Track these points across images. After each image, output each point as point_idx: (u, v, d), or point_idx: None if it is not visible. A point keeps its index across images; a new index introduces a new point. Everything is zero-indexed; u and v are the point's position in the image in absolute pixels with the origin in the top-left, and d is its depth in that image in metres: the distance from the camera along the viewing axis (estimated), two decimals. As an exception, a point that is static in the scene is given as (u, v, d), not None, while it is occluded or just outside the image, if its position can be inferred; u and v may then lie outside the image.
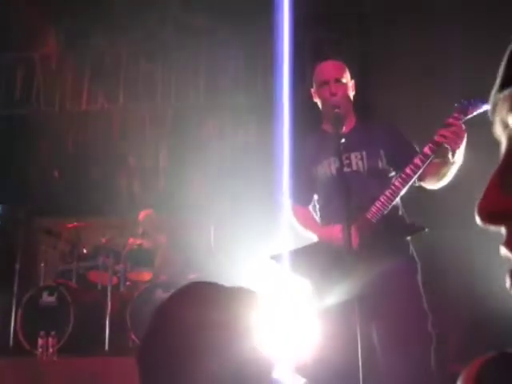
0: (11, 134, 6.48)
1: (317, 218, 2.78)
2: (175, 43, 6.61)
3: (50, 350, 4.26)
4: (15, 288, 4.86)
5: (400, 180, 2.45)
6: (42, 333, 4.29)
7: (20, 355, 4.50)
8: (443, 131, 2.36)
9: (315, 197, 2.79)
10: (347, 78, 2.73)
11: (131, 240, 5.18)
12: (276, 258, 2.63)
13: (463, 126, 2.37)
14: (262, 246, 4.25)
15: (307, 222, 2.76)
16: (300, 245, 2.71)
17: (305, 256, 2.61)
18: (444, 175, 2.51)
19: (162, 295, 4.66)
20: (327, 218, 2.68)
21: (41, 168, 6.45)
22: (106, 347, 4.48)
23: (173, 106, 6.55)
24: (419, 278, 2.54)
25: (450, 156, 2.41)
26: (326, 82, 2.68)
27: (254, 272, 4.50)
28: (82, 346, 4.49)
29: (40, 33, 6.78)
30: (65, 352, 4.36)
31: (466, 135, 2.38)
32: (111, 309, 4.61)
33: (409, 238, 2.59)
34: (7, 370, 4.07)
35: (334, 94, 2.64)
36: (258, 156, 6.14)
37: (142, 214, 5.43)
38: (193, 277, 5.12)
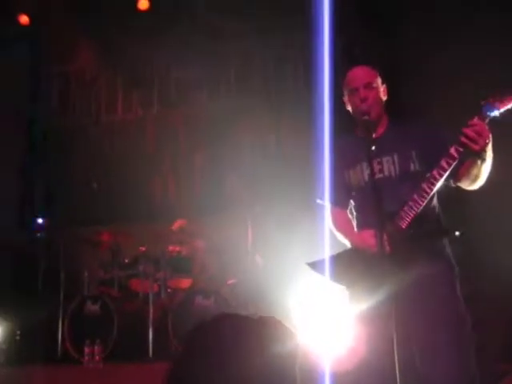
0: (50, 146, 6.67)
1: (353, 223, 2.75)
2: (206, 47, 6.68)
3: (96, 357, 4.39)
4: (61, 297, 5.01)
5: (428, 183, 2.40)
6: (87, 341, 4.43)
7: (68, 363, 4.64)
8: (466, 130, 2.29)
9: (351, 202, 2.76)
10: (378, 83, 2.70)
11: (170, 248, 5.26)
12: (312, 265, 2.64)
13: (486, 126, 2.29)
14: (301, 246, 4.27)
15: (344, 226, 2.75)
16: (336, 249, 2.72)
17: (340, 263, 2.60)
18: (477, 176, 2.44)
19: (201, 302, 4.73)
20: (360, 224, 2.67)
21: (79, 179, 6.61)
22: (150, 354, 4.57)
23: (206, 109, 6.61)
24: (456, 281, 2.50)
25: (476, 157, 2.34)
26: (356, 89, 2.66)
27: (292, 276, 4.53)
28: (127, 353, 4.59)
29: (75, 45, 6.94)
30: (110, 359, 4.48)
31: (490, 135, 2.29)
32: (153, 316, 4.71)
33: (445, 241, 2.55)
34: (57, 377, 4.20)
35: (363, 100, 2.62)
36: (293, 155, 6.16)
37: (175, 225, 5.50)
38: (231, 282, 5.17)
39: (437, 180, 2.38)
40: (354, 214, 2.74)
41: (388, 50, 5.80)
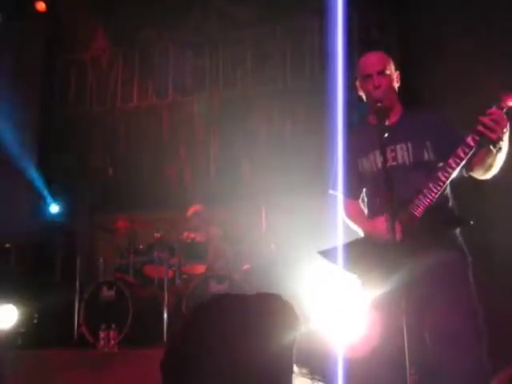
0: (66, 134, 6.72)
1: (365, 211, 2.75)
2: (221, 34, 6.66)
3: (112, 342, 4.43)
4: (77, 283, 5.07)
5: (443, 172, 2.39)
6: (103, 326, 4.47)
7: (84, 347, 4.70)
8: (483, 119, 2.27)
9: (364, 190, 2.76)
10: (391, 70, 2.67)
11: (185, 234, 5.29)
12: (323, 253, 2.64)
13: (504, 115, 2.27)
14: (313, 235, 4.26)
15: (356, 215, 2.74)
16: (348, 237, 2.72)
17: (352, 251, 2.59)
18: (491, 166, 2.42)
19: (216, 287, 4.76)
20: (373, 211, 2.66)
21: (95, 166, 6.66)
22: (165, 338, 4.62)
23: (221, 96, 6.61)
24: (469, 271, 2.49)
25: (491, 146, 2.31)
26: (369, 75, 2.64)
27: (305, 263, 4.52)
28: (142, 337, 4.64)
29: (90, 33, 6.97)
30: (125, 344, 4.53)
31: (508, 124, 2.28)
32: (168, 301, 4.75)
33: (457, 230, 2.53)
34: (73, 360, 4.26)
35: (377, 87, 2.60)
36: (308, 142, 6.13)
37: (190, 211, 5.53)
38: (246, 267, 5.19)
39: (453, 169, 2.37)
40: (366, 200, 2.74)
41: (405, 32, 5.75)
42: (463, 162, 2.36)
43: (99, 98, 6.90)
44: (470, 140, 2.32)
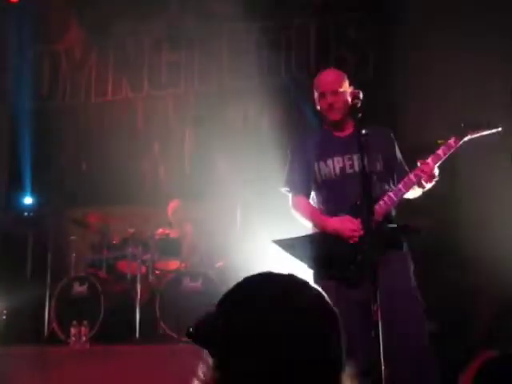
0: (39, 127, 6.60)
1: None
2: (197, 30, 6.62)
3: (83, 338, 4.38)
4: (48, 278, 5.00)
5: (403, 184, 2.84)
6: (74, 322, 4.42)
7: (54, 343, 4.64)
8: (418, 172, 2.82)
9: (314, 193, 3.06)
10: (345, 87, 2.98)
11: (159, 230, 5.25)
12: (278, 242, 2.88)
13: (436, 170, 2.83)
14: (289, 231, 4.28)
15: (311, 211, 3.00)
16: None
17: (305, 245, 2.87)
18: (417, 193, 2.96)
19: (189, 284, 4.74)
20: (328, 213, 2.94)
21: (68, 160, 6.56)
22: (137, 335, 4.59)
23: (196, 91, 6.56)
24: (411, 266, 2.90)
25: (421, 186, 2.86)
26: (323, 94, 2.97)
27: (280, 258, 4.53)
28: (114, 334, 4.60)
29: (64, 25, 6.85)
30: (97, 340, 4.48)
31: (437, 176, 2.84)
32: (141, 297, 4.72)
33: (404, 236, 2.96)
34: (43, 357, 4.20)
35: (330, 106, 2.95)
36: (284, 139, 6.13)
37: (170, 207, 5.48)
38: (220, 264, 5.18)
39: (413, 183, 2.86)
40: (321, 203, 3.02)
41: (382, 34, 5.81)
42: (415, 185, 2.87)
43: (72, 91, 6.80)
44: (412, 176, 2.84)
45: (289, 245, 2.85)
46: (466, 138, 2.82)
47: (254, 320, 1.00)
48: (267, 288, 1.05)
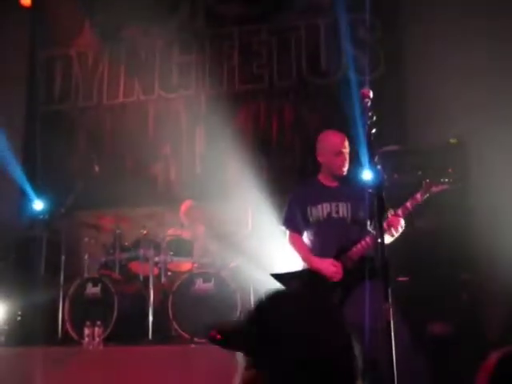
0: (52, 130, 6.65)
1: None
2: (208, 31, 6.64)
3: (96, 339, 4.41)
4: (61, 280, 5.03)
5: (378, 232, 3.07)
6: (88, 323, 4.44)
7: (68, 344, 4.67)
8: (392, 220, 3.20)
9: (305, 231, 3.58)
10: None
11: (171, 231, 5.26)
12: (275, 276, 3.47)
13: (402, 222, 3.24)
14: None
15: (303, 249, 3.55)
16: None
17: (296, 278, 3.46)
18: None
19: (202, 284, 4.75)
20: (316, 251, 3.48)
21: (81, 162, 6.60)
22: (150, 336, 4.60)
23: (207, 93, 6.58)
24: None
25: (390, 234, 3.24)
26: (341, 153, 3.50)
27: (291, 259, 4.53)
28: (127, 335, 4.62)
29: (76, 28, 6.90)
30: (110, 341, 4.51)
31: (403, 226, 3.25)
32: (153, 299, 4.72)
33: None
34: (56, 358, 4.22)
35: (345, 163, 3.51)
36: (294, 142, 6.14)
37: (183, 208, 5.49)
38: (232, 265, 5.18)
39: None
40: (310, 239, 3.55)
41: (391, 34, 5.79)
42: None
43: (85, 94, 6.84)
44: (385, 225, 3.09)
45: (280, 278, 3.44)
46: (428, 194, 3.25)
47: (286, 323, 1.11)
48: (293, 301, 1.20)
